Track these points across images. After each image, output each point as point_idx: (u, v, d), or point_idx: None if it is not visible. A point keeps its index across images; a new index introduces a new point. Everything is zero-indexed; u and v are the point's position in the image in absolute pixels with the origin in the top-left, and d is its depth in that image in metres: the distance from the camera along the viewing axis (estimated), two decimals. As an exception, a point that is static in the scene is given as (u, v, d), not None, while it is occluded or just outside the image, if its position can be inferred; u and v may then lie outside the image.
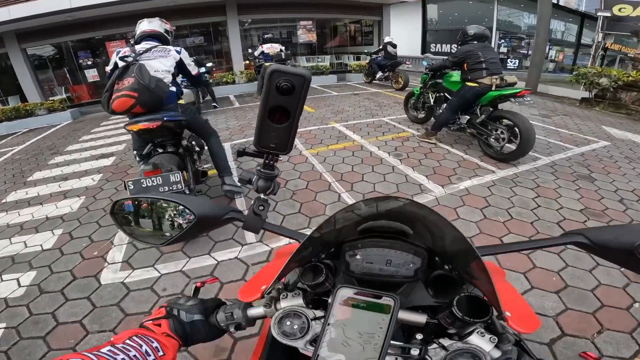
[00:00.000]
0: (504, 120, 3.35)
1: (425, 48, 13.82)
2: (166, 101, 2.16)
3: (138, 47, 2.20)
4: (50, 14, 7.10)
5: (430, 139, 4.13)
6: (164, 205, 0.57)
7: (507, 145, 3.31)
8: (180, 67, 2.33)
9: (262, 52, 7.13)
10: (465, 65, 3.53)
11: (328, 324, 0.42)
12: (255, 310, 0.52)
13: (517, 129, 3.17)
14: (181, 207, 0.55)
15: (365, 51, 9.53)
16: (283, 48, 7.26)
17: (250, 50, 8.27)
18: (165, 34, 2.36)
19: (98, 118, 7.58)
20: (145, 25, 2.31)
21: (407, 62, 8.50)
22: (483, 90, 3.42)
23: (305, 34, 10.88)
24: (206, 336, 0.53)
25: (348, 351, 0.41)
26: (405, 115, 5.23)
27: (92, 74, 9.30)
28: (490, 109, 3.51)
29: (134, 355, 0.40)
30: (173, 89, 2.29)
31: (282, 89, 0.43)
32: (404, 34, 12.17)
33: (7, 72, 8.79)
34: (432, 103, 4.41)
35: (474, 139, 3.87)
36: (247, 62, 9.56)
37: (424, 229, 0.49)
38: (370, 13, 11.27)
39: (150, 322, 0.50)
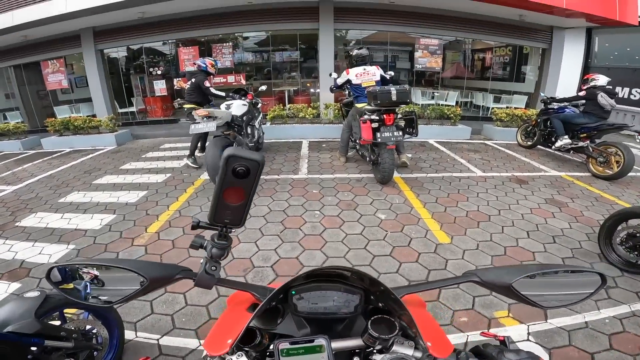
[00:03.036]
0: None
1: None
2: None
3: None
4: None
5: None
6: (111, 271, 0.60)
7: None
8: None
9: (349, 82, 4.04)
10: None
11: None
12: None
13: None
14: (130, 274, 0.55)
15: (543, 95, 5.42)
16: (385, 73, 4.14)
17: (331, 75, 4.79)
18: None
19: (144, 148, 5.75)
20: None
21: None
22: None
23: (426, 58, 7.55)
24: None
25: None
26: None
27: (160, 87, 7.69)
28: None
29: None
30: None
31: (237, 173, 0.48)
32: (564, 68, 8.13)
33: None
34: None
35: None
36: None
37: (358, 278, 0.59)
38: (532, 38, 7.57)
39: None
